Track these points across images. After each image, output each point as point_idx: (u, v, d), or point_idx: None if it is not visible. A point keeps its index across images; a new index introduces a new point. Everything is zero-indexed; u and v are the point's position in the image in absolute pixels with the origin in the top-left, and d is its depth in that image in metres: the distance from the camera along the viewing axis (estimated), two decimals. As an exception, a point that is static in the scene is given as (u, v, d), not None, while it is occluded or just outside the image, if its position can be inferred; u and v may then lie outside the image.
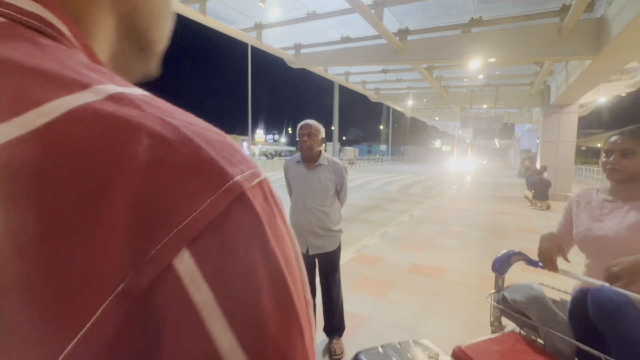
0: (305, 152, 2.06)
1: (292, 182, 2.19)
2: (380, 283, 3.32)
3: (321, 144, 2.11)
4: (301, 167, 2.11)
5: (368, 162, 39.27)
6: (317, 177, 2.06)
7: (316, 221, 2.05)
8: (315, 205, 2.05)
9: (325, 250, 2.10)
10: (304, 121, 2.07)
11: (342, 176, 2.13)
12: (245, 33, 6.56)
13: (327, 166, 2.09)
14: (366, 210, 8.09)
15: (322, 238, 2.07)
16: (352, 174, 20.82)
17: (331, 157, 2.16)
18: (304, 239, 2.08)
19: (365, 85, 11.65)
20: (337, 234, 2.14)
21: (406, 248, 4.60)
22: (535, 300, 1.19)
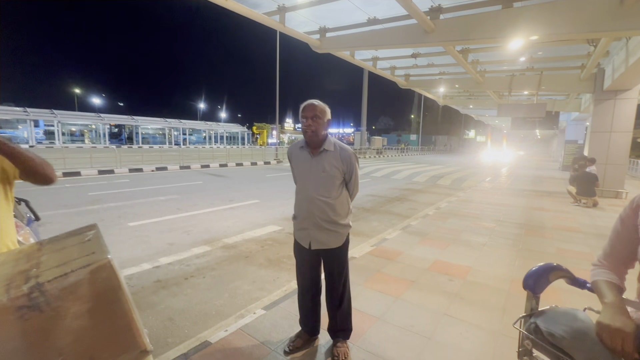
0: (310, 138, 1.83)
1: (295, 169, 1.98)
2: (397, 280, 3.11)
3: (327, 127, 1.87)
4: (305, 153, 1.90)
5: (397, 151, 38.20)
6: (321, 164, 1.85)
7: (320, 213, 1.86)
8: (318, 196, 1.84)
9: (328, 247, 1.90)
10: (307, 101, 1.82)
11: (351, 164, 1.88)
12: (268, 17, 6.39)
13: (333, 152, 1.86)
14: (390, 201, 7.79)
15: (326, 232, 1.88)
16: (379, 163, 20.32)
17: (338, 142, 1.92)
18: (307, 232, 1.91)
19: (394, 71, 11.11)
20: (343, 229, 1.92)
21: (429, 243, 4.32)
22: (582, 336, 0.92)
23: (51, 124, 29.88)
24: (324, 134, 1.85)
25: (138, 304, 2.73)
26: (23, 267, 0.80)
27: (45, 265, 0.79)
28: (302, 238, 1.95)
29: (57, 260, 0.80)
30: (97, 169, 11.79)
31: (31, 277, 0.73)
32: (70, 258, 0.81)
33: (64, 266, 0.76)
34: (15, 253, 0.93)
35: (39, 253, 0.89)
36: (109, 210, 6.01)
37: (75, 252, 0.84)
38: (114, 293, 0.78)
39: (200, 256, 3.85)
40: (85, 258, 0.79)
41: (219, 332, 2.23)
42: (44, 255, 0.86)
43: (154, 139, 39.31)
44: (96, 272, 0.76)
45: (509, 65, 9.73)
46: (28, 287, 0.70)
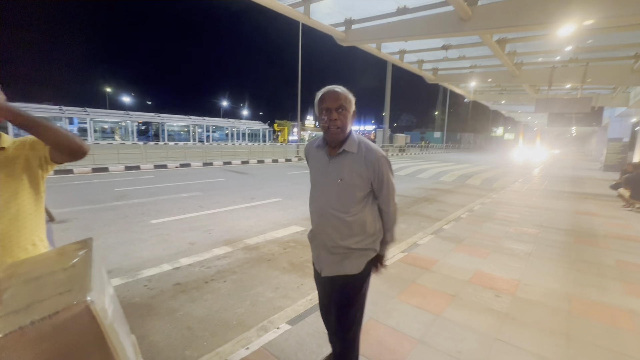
0: (333, 136, 1.36)
1: (311, 171, 1.55)
2: (436, 294, 2.78)
3: (352, 121, 1.41)
4: (322, 153, 1.45)
5: (420, 149, 37.09)
6: (339, 170, 1.38)
7: (332, 232, 1.42)
8: (332, 210, 1.40)
9: (340, 273, 1.45)
10: (327, 88, 1.36)
11: (380, 170, 1.37)
12: (292, 9, 6.14)
13: (355, 155, 1.37)
14: (417, 202, 7.37)
15: (338, 257, 1.45)
16: (403, 161, 19.70)
17: (365, 140, 1.43)
18: (317, 253, 1.54)
19: (421, 65, 10.57)
20: (363, 252, 1.45)
21: (466, 250, 3.94)
22: None
23: (84, 121, 31.30)
24: (349, 130, 1.41)
25: (157, 309, 2.58)
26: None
27: (5, 307, 0.57)
28: (315, 260, 1.58)
29: (23, 299, 0.58)
30: (124, 165, 12.08)
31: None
32: (39, 297, 0.58)
33: (26, 311, 0.54)
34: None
35: (8, 282, 0.67)
36: (133, 207, 6.01)
37: (49, 287, 0.61)
38: (96, 352, 0.55)
39: (221, 257, 3.69)
40: (54, 299, 0.56)
41: (240, 349, 2.01)
42: (12, 287, 0.65)
43: (179, 135, 40.37)
44: (67, 323, 0.53)
45: (550, 56, 8.97)
46: (-35, 349, 0.47)
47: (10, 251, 1.03)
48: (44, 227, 1.19)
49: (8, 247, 1.03)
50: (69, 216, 5.22)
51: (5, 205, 1.03)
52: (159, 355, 2.05)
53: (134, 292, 2.85)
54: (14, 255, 1.04)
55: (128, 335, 0.83)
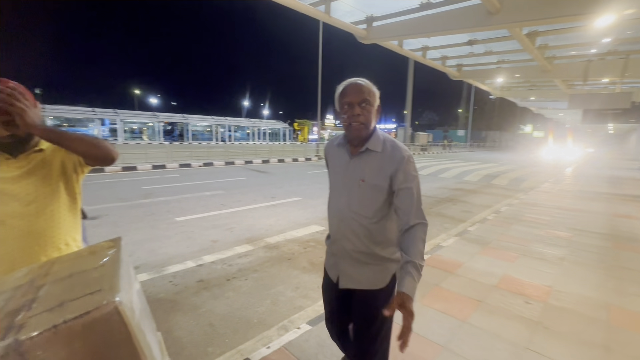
0: (355, 133, 1.24)
1: (330, 171, 1.43)
2: (461, 299, 2.69)
3: (377, 117, 1.28)
4: (343, 151, 1.33)
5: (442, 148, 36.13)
6: (360, 170, 1.26)
7: (353, 238, 1.28)
8: (353, 214, 1.27)
9: (363, 287, 1.31)
10: (350, 81, 1.24)
11: (405, 171, 1.20)
12: (313, 8, 6.13)
13: (379, 154, 1.24)
14: (440, 202, 7.18)
15: (360, 266, 1.30)
16: (424, 160, 19.27)
17: (390, 138, 1.29)
18: (335, 260, 1.38)
19: (445, 61, 10.27)
20: (387, 265, 1.30)
21: (493, 254, 3.78)
22: None
23: (114, 122, 32.86)
24: (373, 126, 1.28)
25: (180, 305, 2.65)
26: (15, 303, 0.61)
27: (41, 304, 0.59)
28: (330, 268, 1.43)
29: (56, 298, 0.60)
30: (152, 164, 12.56)
31: (13, 328, 0.53)
32: (70, 295, 0.60)
33: (58, 310, 0.55)
34: (20, 276, 0.76)
35: (43, 280, 0.70)
36: (159, 205, 6.23)
37: (80, 286, 0.63)
38: (123, 352, 0.56)
39: (242, 256, 3.74)
40: (86, 299, 0.57)
41: (261, 348, 2.03)
42: (47, 284, 0.67)
43: (202, 135, 41.54)
44: (97, 323, 0.54)
45: (585, 48, 8.44)
46: (3, 347, 0.49)
47: (45, 250, 1.08)
48: (79, 228, 1.24)
49: (42, 245, 1.08)
50: (100, 213, 5.48)
51: (41, 205, 1.08)
52: (183, 350, 2.10)
53: (160, 287, 2.95)
54: (48, 253, 1.09)
55: (154, 334, 0.84)
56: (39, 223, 1.08)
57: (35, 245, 1.06)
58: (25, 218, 1.06)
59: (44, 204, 1.09)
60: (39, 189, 1.08)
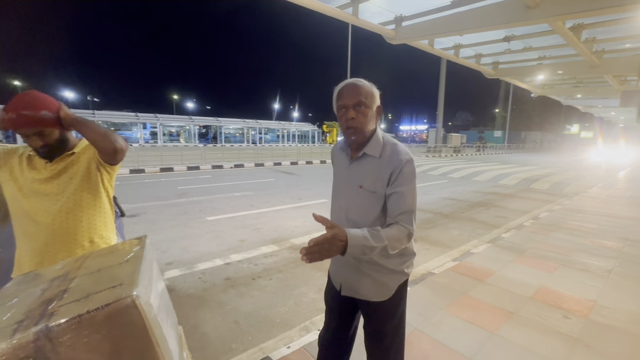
0: (351, 137, 1.18)
1: (334, 176, 1.37)
2: (491, 309, 2.55)
3: (379, 118, 1.23)
4: (344, 156, 1.28)
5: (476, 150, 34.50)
6: (359, 175, 1.20)
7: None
8: (351, 223, 1.22)
9: (364, 297, 1.25)
10: (345, 82, 1.18)
11: (400, 175, 1.13)
12: (341, 10, 6.15)
13: (377, 160, 1.17)
14: (473, 206, 6.86)
15: (362, 277, 1.23)
16: (457, 163, 18.53)
17: (392, 140, 1.22)
18: (337, 268, 1.33)
19: (479, 59, 9.83)
20: (390, 277, 1.23)
21: (529, 263, 3.55)
22: None
23: (155, 126, 34.98)
24: (372, 130, 1.20)
25: (208, 301, 2.77)
26: (50, 293, 0.68)
27: (70, 295, 0.65)
28: (334, 275, 1.36)
29: (84, 290, 0.66)
30: (187, 165, 13.22)
31: (45, 315, 0.59)
32: (96, 288, 0.65)
33: (84, 301, 0.61)
34: (58, 269, 0.84)
35: (75, 273, 0.77)
36: (193, 204, 6.54)
37: (105, 280, 0.69)
38: (140, 343, 0.60)
39: (268, 256, 3.82)
40: (108, 292, 0.62)
41: (282, 347, 2.06)
42: (78, 277, 0.74)
43: (234, 138, 42.99)
44: (115, 315, 0.58)
45: (636, 41, 7.69)
46: (35, 332, 0.55)
47: (68, 246, 1.19)
48: (106, 226, 1.32)
49: (66, 242, 1.19)
50: (139, 211, 5.86)
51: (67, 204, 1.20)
52: (209, 345, 2.19)
53: (190, 283, 3.09)
54: (71, 250, 1.19)
55: (174, 328, 0.89)
56: (64, 220, 1.19)
57: (61, 241, 1.18)
58: (52, 215, 1.18)
59: (70, 202, 1.20)
60: (66, 188, 1.20)
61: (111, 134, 1.17)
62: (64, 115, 1.16)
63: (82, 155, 1.25)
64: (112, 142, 1.16)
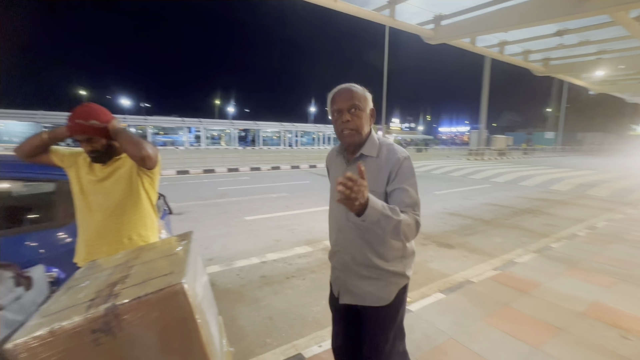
0: (349, 140, 1.20)
1: (330, 180, 1.40)
2: (534, 322, 2.39)
3: (371, 121, 1.25)
4: (340, 159, 1.30)
5: (522, 152, 32.12)
6: None
7: (353, 250, 1.23)
8: (351, 225, 1.22)
9: (363, 303, 1.25)
10: (340, 87, 1.22)
11: (400, 172, 1.16)
12: (377, 13, 6.13)
13: (375, 160, 1.19)
14: (518, 213, 6.43)
15: (361, 280, 1.23)
16: (501, 166, 17.42)
17: (388, 142, 1.25)
18: (336, 274, 1.33)
19: (527, 56, 9.19)
20: (390, 279, 1.23)
21: (581, 276, 3.26)
22: None
23: (199, 129, 37.19)
24: (367, 131, 1.24)
25: (244, 297, 2.91)
26: (114, 277, 0.79)
27: (131, 280, 0.75)
28: (333, 282, 1.37)
29: (141, 276, 0.76)
30: (227, 167, 13.89)
31: (112, 295, 0.69)
32: (151, 275, 0.75)
33: (142, 285, 0.70)
34: (120, 257, 0.96)
35: (134, 262, 0.88)
36: (232, 204, 6.87)
37: (158, 269, 0.78)
38: (186, 324, 0.68)
39: (302, 256, 3.91)
40: (160, 279, 0.71)
41: (314, 346, 2.11)
42: (136, 265, 0.84)
43: (272, 141, 44.31)
44: (167, 298, 0.67)
45: None
46: (105, 308, 0.65)
47: (110, 242, 1.36)
48: (145, 225, 1.46)
49: (108, 238, 1.36)
50: (185, 210, 6.29)
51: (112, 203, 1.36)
52: (245, 338, 2.30)
53: (228, 279, 3.27)
54: (112, 245, 1.36)
55: (215, 316, 0.98)
56: (109, 219, 1.36)
57: (105, 237, 1.36)
58: (101, 213, 1.35)
59: (114, 202, 1.37)
60: (113, 189, 1.37)
61: (141, 143, 1.30)
62: (110, 127, 1.33)
63: (126, 160, 1.42)
64: (139, 150, 1.28)
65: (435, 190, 9.25)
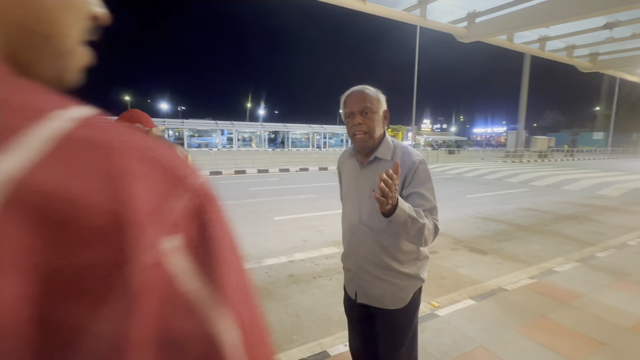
0: (362, 143, 1.20)
1: (343, 184, 1.41)
2: (575, 336, 2.25)
3: (385, 124, 1.23)
4: (354, 162, 1.30)
5: (564, 154, 29.84)
6: (371, 179, 1.21)
7: (367, 252, 1.23)
8: (364, 227, 1.23)
9: (381, 305, 1.24)
10: (352, 89, 1.21)
11: (415, 176, 1.16)
12: (407, 13, 6.05)
13: (389, 163, 1.18)
14: (560, 219, 6.03)
15: (377, 283, 1.23)
16: (542, 169, 16.35)
17: (402, 145, 1.25)
18: (351, 275, 1.33)
19: (572, 51, 8.59)
20: (406, 282, 1.22)
21: (632, 289, 3.01)
22: None
23: (231, 132, 38.54)
24: (380, 134, 1.22)
25: (273, 294, 3.00)
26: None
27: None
28: (348, 283, 1.38)
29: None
30: (257, 169, 14.28)
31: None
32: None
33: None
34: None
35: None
36: (261, 204, 7.07)
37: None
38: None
39: (329, 257, 3.95)
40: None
41: (339, 344, 2.14)
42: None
43: (300, 142, 44.84)
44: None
45: None
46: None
47: None
48: None
49: None
50: (217, 208, 6.57)
51: None
52: (272, 334, 2.38)
53: (257, 276, 3.39)
54: None
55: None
56: None
57: None
58: None
59: None
60: None
61: None
62: (150, 133, 1.46)
63: None
64: None
65: (468, 193, 8.90)
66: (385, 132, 1.26)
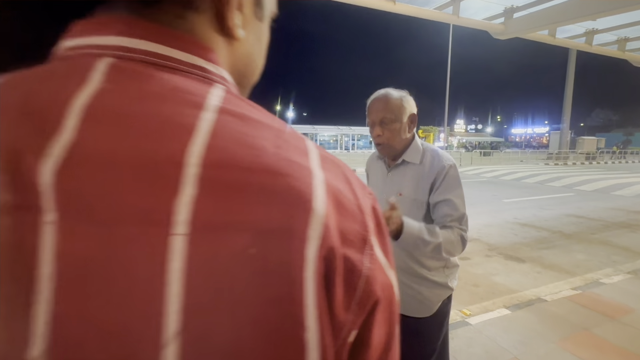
0: (381, 152, 1.22)
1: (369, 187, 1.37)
2: (623, 353, 2.08)
3: (412, 127, 1.19)
4: (381, 164, 1.29)
5: (611, 156, 27.28)
6: (398, 182, 1.18)
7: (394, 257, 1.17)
8: None
9: (406, 312, 1.17)
10: (375, 95, 1.18)
11: (445, 181, 1.11)
12: (439, 12, 5.90)
13: (418, 167, 1.15)
14: (609, 227, 5.56)
15: (403, 289, 1.15)
16: (589, 172, 15.13)
17: (432, 148, 1.21)
18: None
19: (624, 45, 7.89)
20: (433, 290, 1.17)
21: (693, 306, 2.71)
22: None
23: (261, 134, 39.58)
24: (407, 138, 1.18)
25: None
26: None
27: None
28: None
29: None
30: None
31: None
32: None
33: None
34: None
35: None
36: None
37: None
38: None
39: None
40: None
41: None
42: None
43: (329, 144, 45.00)
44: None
45: None
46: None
47: None
48: None
49: None
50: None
51: None
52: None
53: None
54: None
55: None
56: None
57: None
58: None
59: None
60: None
61: None
62: None
63: None
64: None
65: (504, 198, 8.45)
66: (414, 135, 1.22)
